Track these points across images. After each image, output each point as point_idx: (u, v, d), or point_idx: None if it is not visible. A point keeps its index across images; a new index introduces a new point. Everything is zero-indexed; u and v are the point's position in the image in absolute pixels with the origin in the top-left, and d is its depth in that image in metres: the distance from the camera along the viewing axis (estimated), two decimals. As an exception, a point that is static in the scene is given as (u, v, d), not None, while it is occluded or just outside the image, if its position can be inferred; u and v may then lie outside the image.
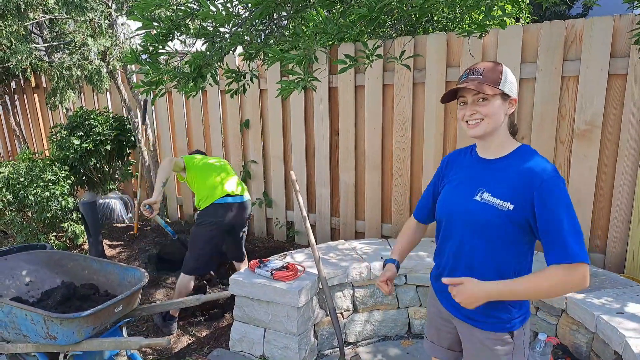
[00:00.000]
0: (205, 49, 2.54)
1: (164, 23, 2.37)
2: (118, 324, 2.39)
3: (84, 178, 4.71)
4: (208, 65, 2.51)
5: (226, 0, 2.39)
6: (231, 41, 2.44)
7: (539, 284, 1.35)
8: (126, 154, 4.94)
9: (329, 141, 4.01)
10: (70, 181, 4.20)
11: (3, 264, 2.52)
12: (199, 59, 2.45)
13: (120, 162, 4.96)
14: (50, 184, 3.99)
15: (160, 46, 2.46)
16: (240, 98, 4.39)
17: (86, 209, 3.75)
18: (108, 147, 4.56)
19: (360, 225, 4.05)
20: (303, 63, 2.26)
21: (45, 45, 4.67)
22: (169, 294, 3.65)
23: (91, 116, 4.57)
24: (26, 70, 4.94)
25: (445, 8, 2.94)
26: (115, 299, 2.12)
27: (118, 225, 4.96)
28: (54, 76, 4.46)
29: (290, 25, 2.73)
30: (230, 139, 4.54)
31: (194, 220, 4.96)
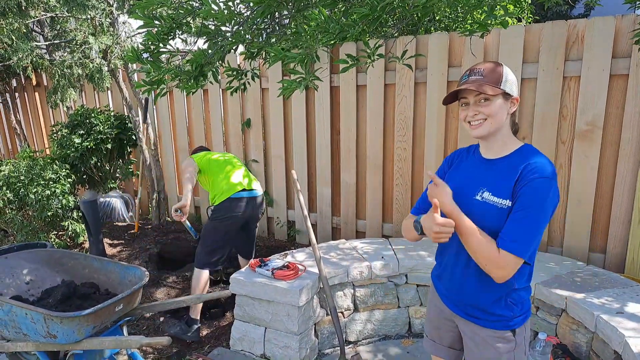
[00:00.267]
0: (206, 47, 2.54)
1: (165, 21, 2.37)
2: (119, 323, 2.39)
3: (85, 177, 4.71)
4: (209, 64, 2.50)
5: (228, -1, 2.38)
6: (233, 40, 2.43)
7: (473, 240, 1.41)
8: (127, 152, 4.94)
9: (330, 140, 4.00)
10: (71, 180, 4.20)
11: (3, 263, 2.52)
12: (200, 58, 2.44)
13: (121, 161, 4.96)
14: (51, 183, 3.99)
15: (161, 45, 2.45)
16: (241, 97, 4.39)
17: (87, 207, 3.76)
18: (109, 146, 4.56)
19: (361, 225, 4.05)
20: (305, 62, 2.25)
21: (47, 43, 4.67)
22: (170, 292, 3.65)
23: (92, 115, 4.57)
24: (27, 68, 4.94)
25: (447, 8, 2.94)
26: (115, 298, 2.12)
27: (119, 224, 4.96)
28: (55, 74, 4.45)
29: (292, 24, 2.72)
30: (231, 137, 4.53)
31: (195, 217, 4.96)
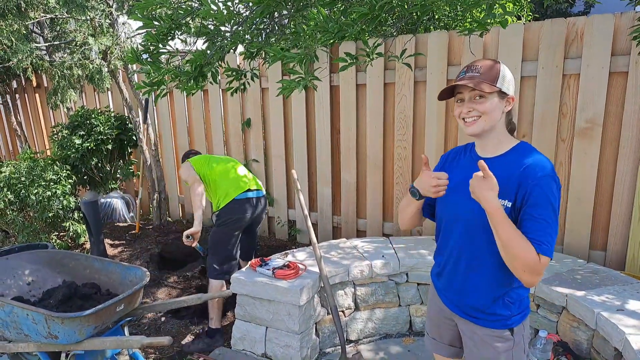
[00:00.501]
0: (206, 48, 2.54)
1: (164, 22, 2.37)
2: (120, 323, 2.39)
3: (86, 177, 4.72)
4: (209, 64, 2.50)
5: (227, -1, 2.39)
6: (232, 40, 2.43)
7: (515, 241, 1.33)
8: (128, 153, 4.95)
9: (331, 140, 4.01)
10: (71, 180, 4.21)
11: (5, 264, 2.53)
12: (199, 58, 2.45)
13: (121, 162, 4.97)
14: (52, 184, 4.00)
15: (161, 45, 2.46)
16: (241, 97, 4.39)
17: (88, 208, 3.76)
18: (109, 147, 4.57)
19: (362, 224, 4.05)
20: (304, 62, 2.25)
21: (46, 44, 4.68)
22: (171, 293, 3.66)
23: (92, 115, 4.58)
24: (27, 69, 4.94)
25: (447, 6, 2.93)
26: (116, 298, 2.12)
27: (120, 224, 4.97)
28: (55, 75, 4.46)
29: (291, 24, 2.73)
30: (231, 137, 4.54)
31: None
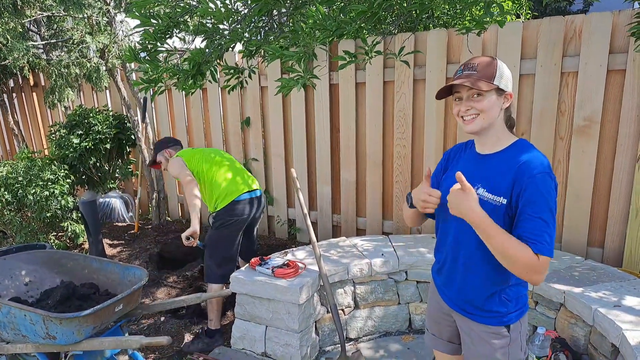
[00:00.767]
0: (204, 46, 2.53)
1: (162, 20, 2.36)
2: (119, 323, 2.39)
3: (84, 177, 4.70)
4: (207, 62, 2.50)
5: (225, -3, 2.38)
6: (230, 38, 2.43)
7: (509, 248, 1.33)
8: (126, 152, 4.93)
9: (330, 138, 4.00)
10: (69, 180, 4.19)
11: (2, 264, 2.51)
12: (198, 57, 2.44)
13: (120, 161, 4.95)
14: (50, 183, 3.98)
15: (158, 44, 2.45)
16: (240, 95, 4.38)
17: (86, 208, 3.75)
18: (108, 146, 4.55)
19: (362, 222, 4.05)
20: (302, 60, 2.25)
21: (43, 42, 4.66)
22: (170, 292, 3.65)
23: (90, 114, 4.56)
24: (24, 68, 4.93)
25: (446, 4, 2.93)
26: (115, 298, 2.11)
27: (119, 224, 4.96)
28: (52, 74, 4.44)
29: (289, 22, 2.72)
30: (231, 136, 4.53)
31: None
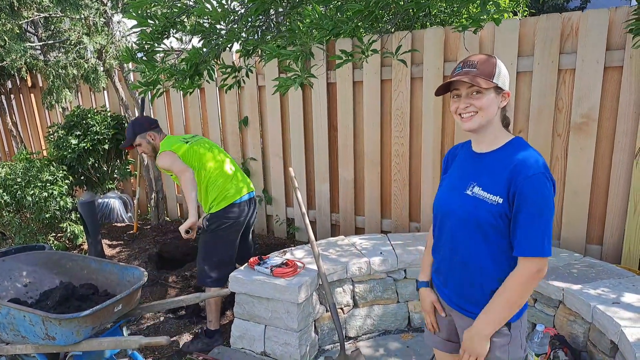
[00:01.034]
0: (201, 46, 2.53)
1: (159, 20, 2.36)
2: (118, 324, 2.39)
3: (83, 178, 4.70)
4: (205, 62, 2.50)
5: (222, -3, 2.38)
6: (227, 38, 2.43)
7: (515, 301, 1.43)
8: (125, 153, 4.93)
9: (328, 137, 4.00)
10: (68, 181, 4.19)
11: (1, 265, 2.51)
12: (195, 57, 2.44)
13: (118, 161, 4.95)
14: (48, 184, 3.98)
15: (155, 44, 2.45)
16: (238, 95, 4.38)
17: (85, 208, 3.75)
18: (106, 146, 4.55)
19: (360, 221, 4.06)
20: (300, 59, 2.25)
21: (41, 43, 4.65)
22: (170, 292, 3.65)
23: (88, 115, 4.55)
24: (21, 69, 4.91)
25: (443, 2, 2.93)
26: (114, 299, 2.11)
27: (117, 224, 4.96)
28: (50, 75, 4.43)
29: (286, 21, 2.72)
30: (229, 136, 4.53)
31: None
